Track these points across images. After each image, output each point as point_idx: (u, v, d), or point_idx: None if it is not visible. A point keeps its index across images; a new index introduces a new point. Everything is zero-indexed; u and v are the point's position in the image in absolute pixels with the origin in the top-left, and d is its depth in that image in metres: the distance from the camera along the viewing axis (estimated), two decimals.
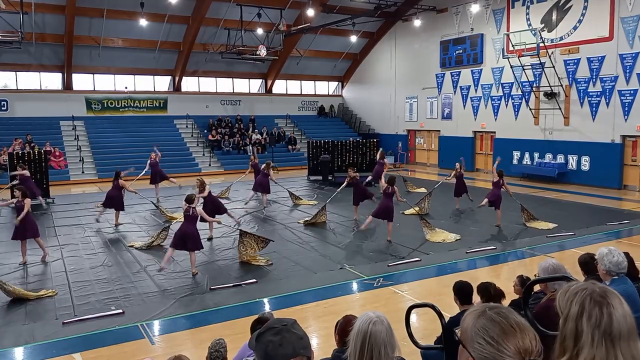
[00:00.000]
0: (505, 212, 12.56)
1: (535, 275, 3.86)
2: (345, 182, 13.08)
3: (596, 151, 18.50)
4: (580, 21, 18.86)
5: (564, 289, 1.43)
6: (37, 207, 15.47)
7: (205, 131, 26.65)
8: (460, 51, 23.71)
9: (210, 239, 11.38)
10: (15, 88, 24.13)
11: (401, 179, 16.99)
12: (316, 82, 31.92)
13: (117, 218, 12.97)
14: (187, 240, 8.90)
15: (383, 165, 17.00)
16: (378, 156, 17.87)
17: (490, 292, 4.60)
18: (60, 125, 24.18)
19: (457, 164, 14.51)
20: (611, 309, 1.32)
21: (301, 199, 16.09)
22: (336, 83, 32.71)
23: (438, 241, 10.99)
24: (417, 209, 12.98)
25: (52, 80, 25.02)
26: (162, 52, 25.59)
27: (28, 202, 9.62)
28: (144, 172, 16.27)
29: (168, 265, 9.11)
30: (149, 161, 16.52)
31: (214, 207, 11.34)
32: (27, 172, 14.46)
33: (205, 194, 11.17)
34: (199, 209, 9.42)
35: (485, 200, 12.29)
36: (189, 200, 9.10)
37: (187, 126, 26.83)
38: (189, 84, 28.03)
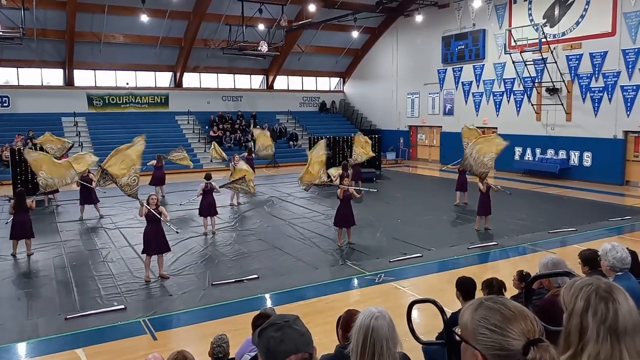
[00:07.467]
0: (506, 210, 12.52)
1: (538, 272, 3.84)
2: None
3: (598, 147, 18.43)
4: (582, 16, 18.76)
5: (569, 284, 1.42)
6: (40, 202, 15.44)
7: (207, 127, 26.63)
8: (462, 47, 23.63)
9: (213, 233, 11.48)
10: (17, 84, 24.13)
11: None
12: (318, 78, 31.85)
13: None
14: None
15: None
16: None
17: (493, 285, 4.64)
18: (62, 122, 24.18)
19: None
20: (617, 304, 1.31)
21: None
22: (338, 79, 32.63)
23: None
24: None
25: (54, 77, 25.01)
26: (164, 48, 25.55)
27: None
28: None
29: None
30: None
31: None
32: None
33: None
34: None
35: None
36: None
37: (188, 122, 26.82)
38: (190, 80, 28.00)
